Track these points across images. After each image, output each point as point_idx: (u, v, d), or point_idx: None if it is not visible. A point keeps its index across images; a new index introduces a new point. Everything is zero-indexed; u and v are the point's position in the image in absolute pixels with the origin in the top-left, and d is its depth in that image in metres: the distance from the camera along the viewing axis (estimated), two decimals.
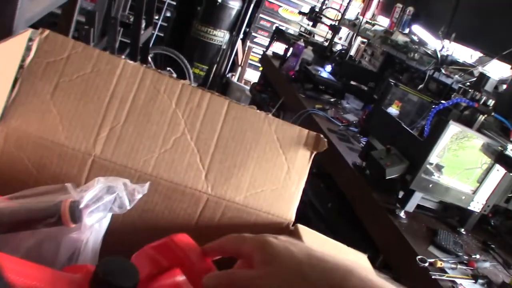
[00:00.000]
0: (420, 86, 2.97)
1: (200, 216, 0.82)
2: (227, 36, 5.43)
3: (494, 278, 1.78)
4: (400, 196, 2.00)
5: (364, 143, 2.50)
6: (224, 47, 5.45)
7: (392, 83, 2.31)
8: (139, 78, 0.82)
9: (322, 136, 0.88)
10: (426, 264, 1.66)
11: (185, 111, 0.82)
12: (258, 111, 0.86)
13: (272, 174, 0.85)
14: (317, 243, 0.77)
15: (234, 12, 5.35)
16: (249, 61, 5.89)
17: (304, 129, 0.89)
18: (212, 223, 0.83)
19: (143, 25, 3.32)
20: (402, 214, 1.95)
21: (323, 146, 0.87)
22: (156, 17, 5.14)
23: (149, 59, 4.97)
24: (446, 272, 1.67)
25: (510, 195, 2.05)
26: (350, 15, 4.65)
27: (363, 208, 2.14)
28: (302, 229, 0.82)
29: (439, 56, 2.93)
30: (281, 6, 5.98)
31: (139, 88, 0.82)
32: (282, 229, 0.85)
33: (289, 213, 0.86)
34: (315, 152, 0.87)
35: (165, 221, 0.82)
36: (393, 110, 2.74)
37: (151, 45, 4.95)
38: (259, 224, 0.83)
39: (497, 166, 1.94)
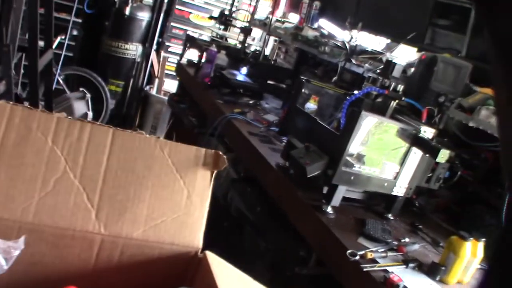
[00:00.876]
0: (334, 78, 3.02)
1: (97, 259, 0.75)
2: (140, 48, 5.27)
3: (424, 259, 1.81)
4: (325, 192, 2.00)
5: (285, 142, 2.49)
6: (139, 60, 5.29)
7: (303, 80, 2.31)
8: (7, 117, 0.73)
9: (220, 153, 0.83)
10: (357, 258, 1.66)
11: (64, 147, 0.74)
12: (147, 136, 0.80)
13: (171, 201, 0.79)
14: (225, 274, 0.72)
15: (144, 24, 5.20)
16: (167, 72, 5.76)
17: (201, 148, 0.83)
18: (111, 265, 0.75)
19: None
20: (329, 209, 1.95)
21: (223, 163, 0.82)
22: (63, 37, 4.89)
23: (61, 81, 4.73)
24: (377, 262, 1.68)
25: (430, 174, 2.10)
26: (261, 15, 4.66)
27: (290, 208, 2.12)
28: (211, 258, 0.77)
29: (348, 47, 2.99)
30: (191, 13, 5.91)
31: (8, 128, 0.73)
32: (190, 259, 0.79)
33: (195, 240, 0.80)
34: (216, 171, 0.82)
35: (57, 272, 0.74)
36: (312, 105, 2.76)
37: (60, 66, 4.72)
38: (164, 258, 0.77)
39: (414, 149, 1.98)
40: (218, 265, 0.74)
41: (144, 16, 5.18)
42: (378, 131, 1.93)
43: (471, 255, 1.68)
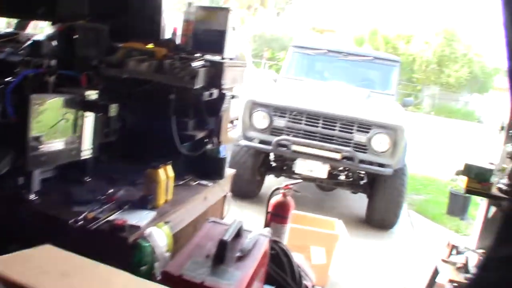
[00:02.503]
0: None
1: None
2: None
3: (132, 198, 2.10)
4: (21, 183, 2.00)
5: None
6: None
7: None
8: None
9: None
10: (81, 222, 1.82)
11: None
12: None
13: None
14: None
15: None
16: None
17: None
18: None
19: None
20: (32, 196, 1.98)
21: None
22: None
23: None
24: (99, 218, 1.87)
25: (107, 130, 2.32)
26: None
27: None
28: None
29: None
30: None
31: None
32: None
33: None
34: None
35: None
36: None
37: None
38: None
39: (86, 113, 2.16)
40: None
41: None
42: (48, 108, 2.01)
43: (165, 177, 2.07)
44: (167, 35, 2.73)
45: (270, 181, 6.03)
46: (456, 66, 22.52)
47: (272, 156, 5.72)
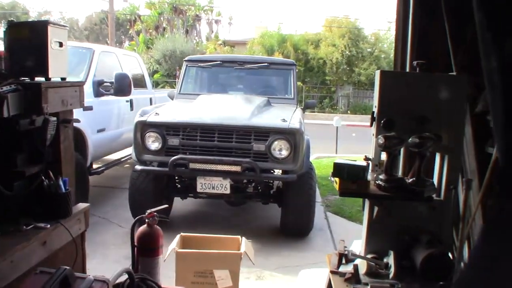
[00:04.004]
0: None
1: None
2: None
3: None
4: None
5: None
6: None
7: None
8: None
9: None
10: None
11: None
12: None
13: None
14: None
15: None
16: None
17: None
18: None
19: None
20: None
21: None
22: None
23: None
24: None
25: None
26: None
27: None
28: None
29: None
30: None
31: None
32: None
33: None
34: None
35: None
36: None
37: None
38: None
39: None
40: None
41: None
42: None
43: None
44: None
45: (188, 203, 5.73)
46: (365, 65, 23.28)
47: (176, 177, 5.40)
